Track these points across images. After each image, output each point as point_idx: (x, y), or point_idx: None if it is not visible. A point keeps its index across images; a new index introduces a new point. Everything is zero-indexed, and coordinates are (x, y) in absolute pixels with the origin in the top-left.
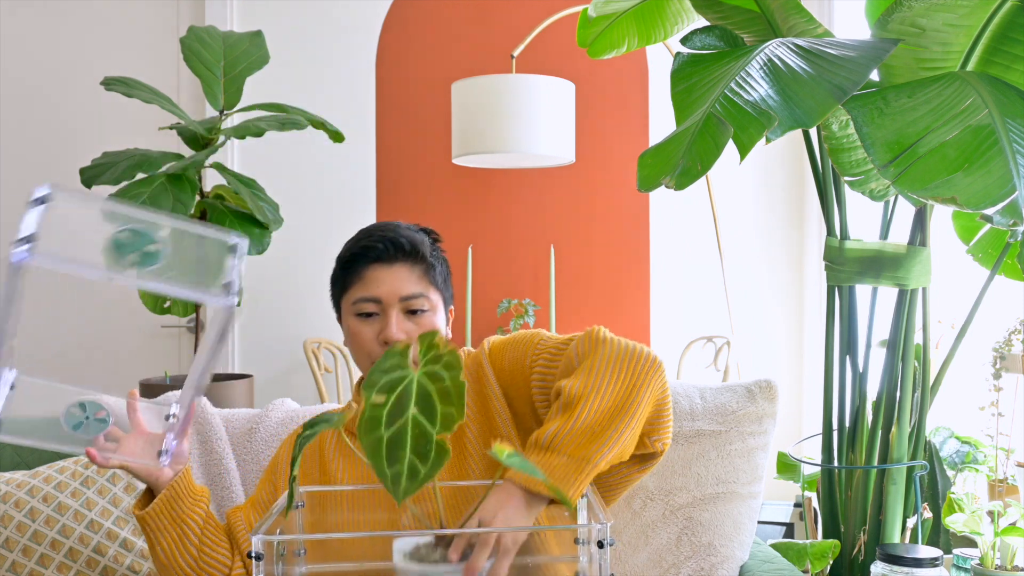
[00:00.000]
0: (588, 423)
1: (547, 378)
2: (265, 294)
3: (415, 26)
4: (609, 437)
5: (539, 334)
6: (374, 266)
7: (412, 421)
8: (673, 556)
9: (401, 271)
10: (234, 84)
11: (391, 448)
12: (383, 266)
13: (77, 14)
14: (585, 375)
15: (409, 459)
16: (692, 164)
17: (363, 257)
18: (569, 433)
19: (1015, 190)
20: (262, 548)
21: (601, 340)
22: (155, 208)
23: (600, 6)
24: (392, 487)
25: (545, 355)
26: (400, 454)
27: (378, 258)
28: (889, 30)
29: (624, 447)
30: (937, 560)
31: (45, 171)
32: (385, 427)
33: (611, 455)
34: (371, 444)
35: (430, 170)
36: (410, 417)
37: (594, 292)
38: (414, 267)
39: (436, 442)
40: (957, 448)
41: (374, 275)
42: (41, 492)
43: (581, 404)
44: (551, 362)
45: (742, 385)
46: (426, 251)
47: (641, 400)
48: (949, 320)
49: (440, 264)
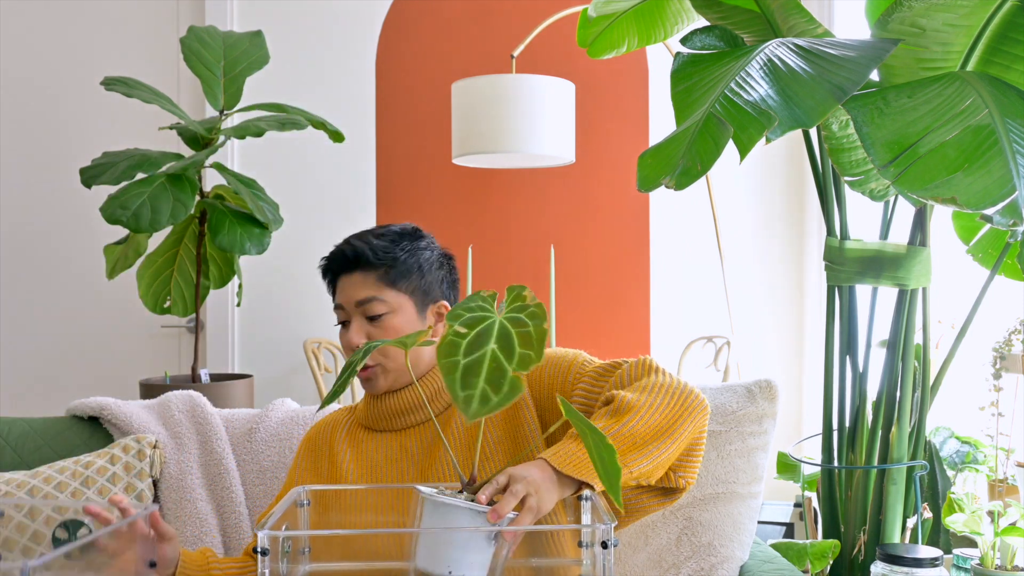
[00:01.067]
0: (632, 432)
1: (590, 397)
2: (265, 294)
3: (415, 26)
4: (648, 452)
5: (581, 354)
6: (340, 277)
7: (491, 354)
8: (673, 556)
9: (356, 278)
10: (234, 84)
11: (466, 374)
12: (345, 276)
13: (77, 14)
14: (639, 391)
15: (482, 387)
16: (692, 164)
17: (326, 271)
18: (614, 436)
19: (1015, 190)
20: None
21: (655, 368)
22: (155, 208)
23: (600, 6)
24: (463, 406)
25: (589, 376)
26: (474, 380)
27: (336, 271)
28: (889, 30)
29: (654, 468)
30: (937, 560)
31: (45, 171)
32: (463, 354)
33: (642, 469)
34: (447, 366)
35: (430, 170)
36: (489, 350)
37: (594, 292)
38: (367, 273)
39: (511, 377)
40: (957, 448)
41: (340, 285)
42: (41, 492)
43: (632, 414)
44: (595, 383)
45: (742, 385)
46: (371, 256)
47: (684, 430)
48: (949, 320)
49: (404, 263)
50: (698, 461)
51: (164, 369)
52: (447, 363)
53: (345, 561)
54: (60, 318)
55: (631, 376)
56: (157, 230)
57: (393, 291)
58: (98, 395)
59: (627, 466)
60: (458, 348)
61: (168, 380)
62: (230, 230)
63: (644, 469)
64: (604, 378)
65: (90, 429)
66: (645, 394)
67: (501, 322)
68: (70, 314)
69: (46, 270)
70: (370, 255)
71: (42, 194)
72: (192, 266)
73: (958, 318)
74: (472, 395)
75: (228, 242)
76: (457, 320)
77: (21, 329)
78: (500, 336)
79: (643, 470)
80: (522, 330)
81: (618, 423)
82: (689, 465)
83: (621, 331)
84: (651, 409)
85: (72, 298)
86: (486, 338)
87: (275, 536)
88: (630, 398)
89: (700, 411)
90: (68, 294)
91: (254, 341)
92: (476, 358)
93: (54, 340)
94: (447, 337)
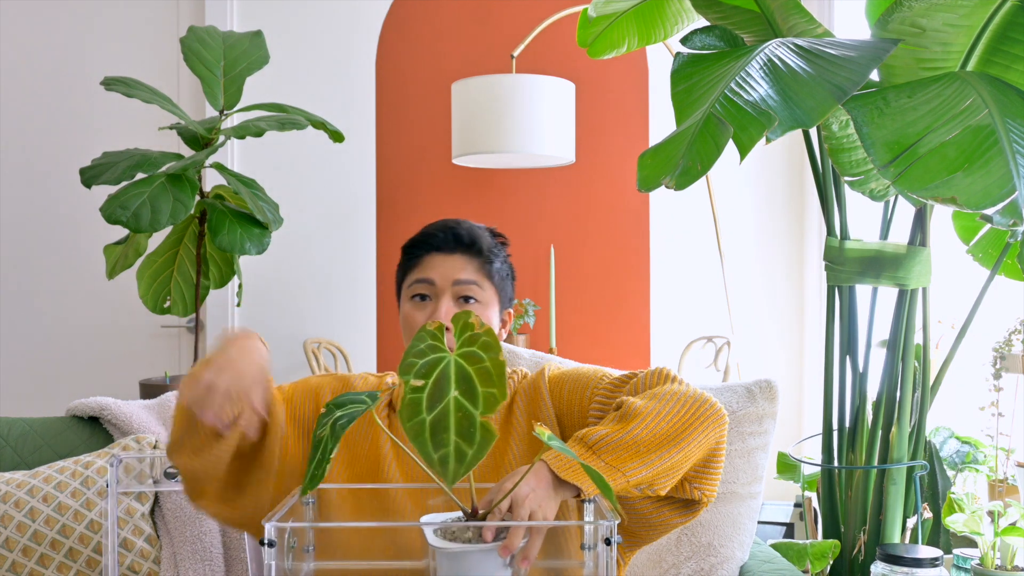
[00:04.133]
0: (636, 439)
1: (605, 408)
2: (265, 294)
3: (415, 26)
4: (650, 461)
5: (601, 369)
6: (433, 254)
7: (455, 403)
8: (673, 556)
9: (458, 260)
10: (234, 84)
11: (434, 431)
12: (442, 255)
13: (78, 14)
14: (649, 398)
15: (455, 442)
16: (692, 164)
17: (424, 245)
18: (616, 442)
19: (1015, 190)
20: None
21: (671, 377)
22: (155, 208)
23: (600, 6)
24: (440, 470)
25: (605, 388)
26: (444, 437)
27: (438, 247)
28: (889, 30)
29: (655, 476)
30: (937, 560)
31: (45, 171)
32: (427, 410)
33: (642, 477)
34: (414, 428)
35: (430, 170)
36: (451, 400)
37: (594, 292)
38: (471, 259)
39: (480, 424)
40: (957, 448)
41: (431, 261)
42: (41, 492)
43: (638, 419)
44: (611, 393)
45: (742, 385)
46: (484, 245)
47: (694, 439)
48: (949, 320)
49: (500, 262)
50: (717, 474)
51: (164, 369)
52: (412, 425)
53: (353, 560)
54: (60, 318)
55: (646, 384)
56: (157, 230)
57: (490, 284)
58: (98, 395)
59: (625, 473)
60: (420, 405)
61: (168, 380)
62: (230, 230)
63: (643, 477)
64: (619, 388)
65: (90, 429)
66: (654, 401)
67: (456, 362)
68: (70, 314)
69: (46, 270)
70: (483, 242)
71: (42, 194)
72: (192, 266)
73: (958, 318)
74: (447, 454)
75: (228, 242)
76: (411, 372)
77: (21, 329)
78: (459, 379)
79: (643, 478)
80: (479, 367)
81: (623, 430)
82: (706, 477)
83: (621, 331)
84: (658, 416)
85: (72, 298)
86: (445, 386)
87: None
88: (638, 404)
89: (714, 421)
90: (68, 294)
91: None
92: (440, 411)
93: (54, 340)
94: (406, 396)
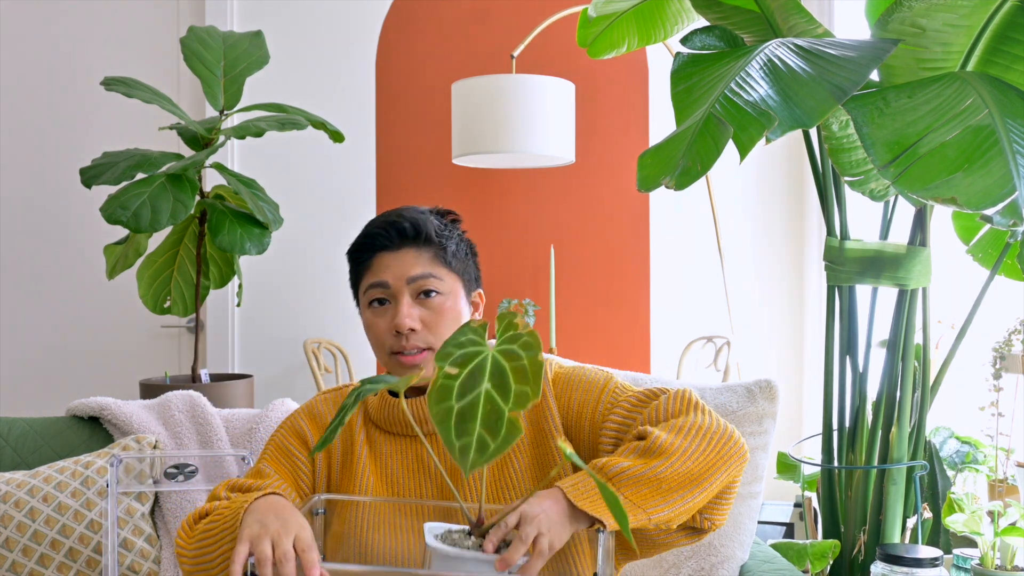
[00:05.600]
0: (660, 478)
1: (623, 427)
2: (265, 294)
3: (415, 26)
4: (673, 500)
5: (613, 379)
6: (381, 254)
7: (485, 395)
8: (673, 556)
9: (407, 255)
10: (234, 84)
11: (460, 420)
12: (389, 253)
13: (77, 14)
14: (676, 432)
15: (479, 433)
16: (692, 164)
17: (369, 247)
18: (638, 477)
19: (1015, 190)
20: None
21: (696, 406)
22: (155, 208)
23: (600, 6)
24: (460, 458)
25: (624, 404)
26: (470, 427)
27: (383, 246)
28: (889, 30)
29: (678, 516)
30: (937, 560)
31: (45, 171)
32: (456, 398)
33: (664, 516)
34: (440, 413)
35: (430, 170)
36: (483, 391)
37: (594, 292)
38: (421, 250)
39: (508, 418)
40: (957, 448)
41: (380, 261)
42: (41, 492)
43: (663, 457)
44: (630, 412)
45: (742, 385)
46: (431, 231)
47: (717, 479)
48: (949, 320)
49: (455, 244)
50: (729, 505)
51: (164, 369)
52: (440, 410)
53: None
54: (60, 318)
55: (668, 410)
56: (157, 230)
57: (448, 271)
58: (98, 395)
59: (647, 511)
60: (450, 392)
61: (168, 380)
62: (230, 230)
63: (665, 516)
64: (639, 408)
65: (90, 429)
66: (680, 437)
67: (494, 356)
68: (70, 314)
69: (46, 270)
70: (431, 229)
71: (42, 194)
72: (192, 266)
73: (958, 318)
74: (469, 443)
75: (228, 242)
76: (447, 360)
77: (21, 329)
78: (494, 373)
79: (663, 517)
80: (516, 364)
81: (646, 465)
82: (718, 508)
83: (621, 331)
84: (684, 455)
85: (72, 298)
86: (479, 377)
87: None
88: (663, 439)
89: (737, 459)
90: (68, 294)
91: (254, 341)
92: (470, 401)
93: (54, 340)
94: (438, 381)
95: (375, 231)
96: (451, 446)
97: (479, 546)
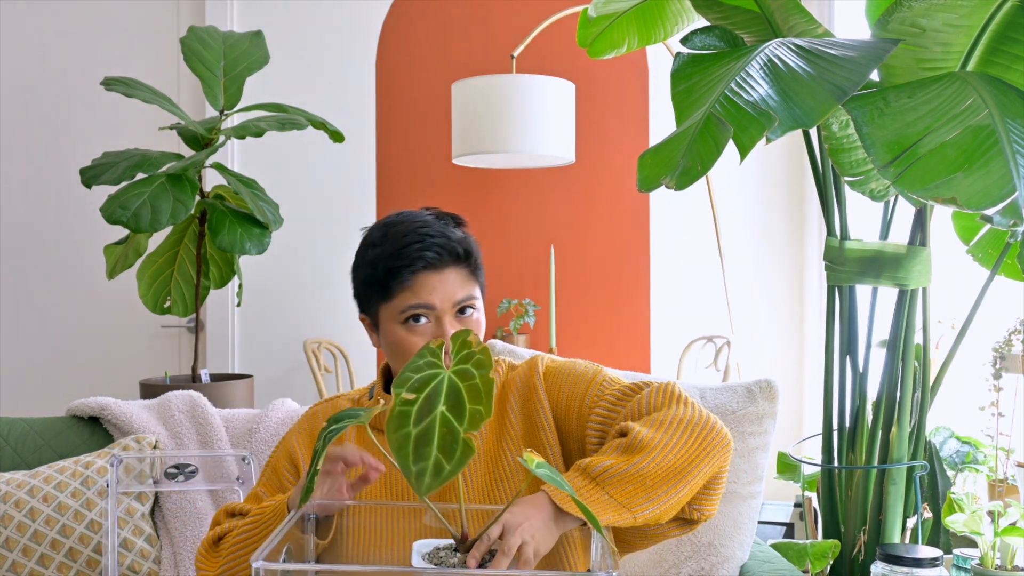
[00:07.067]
0: (643, 474)
1: (607, 421)
2: (265, 294)
3: (415, 26)
4: (657, 496)
5: (601, 372)
6: (424, 273)
7: (440, 418)
8: (673, 556)
9: (451, 276)
10: (234, 84)
11: (418, 445)
12: (435, 274)
13: (77, 14)
14: (656, 426)
15: (435, 456)
16: (692, 164)
17: (409, 266)
18: (622, 475)
19: (1015, 190)
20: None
21: (678, 398)
22: (155, 208)
23: (600, 6)
24: (415, 483)
25: (608, 398)
26: (426, 451)
27: (430, 266)
28: (889, 30)
29: (665, 511)
30: (937, 560)
31: (45, 171)
32: (413, 424)
33: (650, 514)
34: (398, 440)
35: (430, 170)
36: (438, 414)
37: (594, 292)
38: (461, 269)
39: (463, 439)
40: (957, 448)
41: (424, 282)
42: (41, 492)
43: (644, 453)
44: (614, 406)
45: (742, 385)
46: (476, 253)
47: (700, 471)
48: (949, 320)
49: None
50: (718, 495)
51: (164, 369)
52: (397, 437)
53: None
54: (60, 318)
55: (650, 404)
56: (157, 230)
57: (477, 285)
58: (98, 395)
59: (632, 511)
60: (408, 418)
61: (168, 380)
62: (230, 230)
63: (651, 514)
64: (623, 402)
65: (90, 429)
66: (661, 431)
67: (450, 378)
68: (70, 314)
69: (46, 270)
70: (473, 250)
71: (42, 194)
72: (192, 266)
73: (958, 318)
74: (425, 468)
75: (228, 242)
76: (404, 386)
77: (21, 329)
78: (449, 395)
79: (649, 516)
80: (469, 383)
81: (628, 462)
82: (708, 499)
83: (621, 331)
84: (666, 449)
85: (72, 298)
86: (435, 400)
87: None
88: (644, 435)
89: (721, 449)
90: (68, 294)
91: (254, 341)
92: (426, 425)
93: (54, 340)
94: (395, 408)
95: (418, 252)
96: (408, 472)
97: (464, 563)
